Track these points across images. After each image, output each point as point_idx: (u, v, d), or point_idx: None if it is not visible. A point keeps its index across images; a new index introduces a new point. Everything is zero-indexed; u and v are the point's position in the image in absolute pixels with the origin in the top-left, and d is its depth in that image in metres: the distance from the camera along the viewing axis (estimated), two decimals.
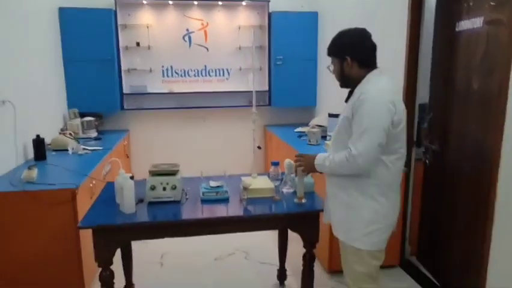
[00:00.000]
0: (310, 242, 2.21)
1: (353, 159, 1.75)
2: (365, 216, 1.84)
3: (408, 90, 2.99)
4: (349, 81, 1.93)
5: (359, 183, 1.84)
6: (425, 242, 3.11)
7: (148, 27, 4.80)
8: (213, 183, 2.39)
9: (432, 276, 2.98)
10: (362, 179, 1.82)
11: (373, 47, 1.91)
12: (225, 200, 2.30)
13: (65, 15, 4.33)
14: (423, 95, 3.04)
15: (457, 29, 2.57)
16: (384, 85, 1.83)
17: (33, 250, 2.54)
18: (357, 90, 1.87)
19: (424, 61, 2.97)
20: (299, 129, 4.54)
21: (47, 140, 3.41)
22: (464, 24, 2.49)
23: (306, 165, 2.05)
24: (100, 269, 2.06)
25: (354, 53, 1.88)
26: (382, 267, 2.25)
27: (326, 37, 1.77)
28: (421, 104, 3.07)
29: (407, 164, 3.04)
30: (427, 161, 2.99)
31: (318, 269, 3.12)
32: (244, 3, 4.90)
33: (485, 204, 2.25)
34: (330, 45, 1.97)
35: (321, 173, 2.02)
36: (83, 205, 2.50)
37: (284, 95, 4.98)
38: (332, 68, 1.99)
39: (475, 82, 2.41)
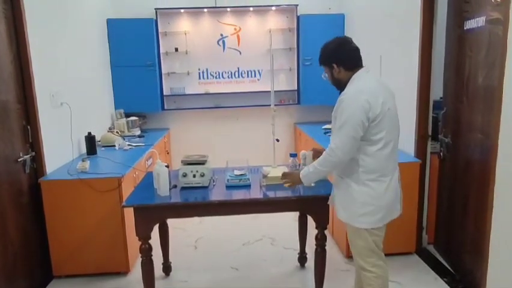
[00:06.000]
0: (321, 223, 2.46)
1: (333, 152, 2.02)
2: (359, 200, 2.08)
3: (422, 86, 3.14)
4: (341, 84, 2.15)
5: (352, 172, 2.08)
6: (442, 232, 3.25)
7: (185, 33, 5.21)
8: (237, 172, 2.71)
9: (447, 264, 3.12)
10: (354, 168, 2.06)
11: (355, 50, 2.12)
12: (247, 186, 2.60)
13: (112, 25, 4.83)
14: (437, 91, 3.20)
15: (465, 28, 2.72)
16: (363, 85, 2.03)
17: (86, 228, 2.98)
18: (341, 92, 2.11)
19: (438, 59, 3.12)
20: (326, 126, 4.76)
21: (97, 137, 3.87)
22: (471, 24, 2.64)
23: (293, 180, 2.30)
24: (140, 243, 2.43)
25: (338, 59, 2.10)
26: (398, 254, 2.35)
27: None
28: (436, 100, 3.23)
29: (423, 156, 3.21)
30: (442, 154, 3.15)
31: (336, 255, 3.36)
32: (273, 8, 5.19)
33: (487, 194, 2.40)
34: (319, 56, 2.19)
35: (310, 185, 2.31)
36: (128, 191, 2.88)
37: (312, 94, 5.19)
38: (325, 75, 2.23)
39: (480, 77, 2.56)
